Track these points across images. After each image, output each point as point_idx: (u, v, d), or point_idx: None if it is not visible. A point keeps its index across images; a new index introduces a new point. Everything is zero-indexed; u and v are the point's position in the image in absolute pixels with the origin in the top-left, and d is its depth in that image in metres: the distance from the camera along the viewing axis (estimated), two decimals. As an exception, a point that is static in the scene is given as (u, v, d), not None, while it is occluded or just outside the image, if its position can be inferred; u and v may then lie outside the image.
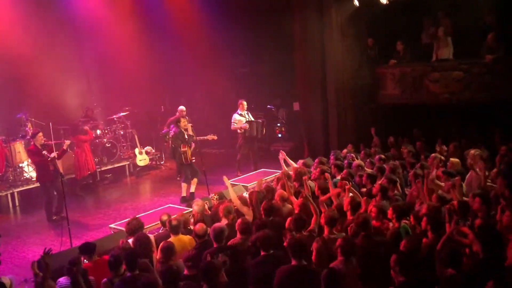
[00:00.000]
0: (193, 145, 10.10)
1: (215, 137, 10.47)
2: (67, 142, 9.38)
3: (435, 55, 11.16)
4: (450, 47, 10.99)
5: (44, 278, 4.87)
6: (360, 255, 4.89)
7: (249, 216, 6.51)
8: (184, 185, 9.69)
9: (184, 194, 9.68)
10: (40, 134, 9.04)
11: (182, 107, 11.37)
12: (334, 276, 4.25)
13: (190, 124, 10.16)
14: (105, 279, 5.01)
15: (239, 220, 5.73)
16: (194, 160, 9.98)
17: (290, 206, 6.76)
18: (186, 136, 9.71)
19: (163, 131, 11.85)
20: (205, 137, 10.30)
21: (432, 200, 6.09)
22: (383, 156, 8.43)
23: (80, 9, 12.57)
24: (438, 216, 5.34)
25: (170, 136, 10.00)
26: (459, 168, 7.41)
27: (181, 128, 9.78)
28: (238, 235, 5.66)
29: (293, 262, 4.71)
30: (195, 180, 9.80)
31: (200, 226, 5.77)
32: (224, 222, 6.22)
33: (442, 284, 4.30)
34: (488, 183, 6.78)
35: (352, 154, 9.15)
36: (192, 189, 9.75)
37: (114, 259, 5.01)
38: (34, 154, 9.07)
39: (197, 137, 10.16)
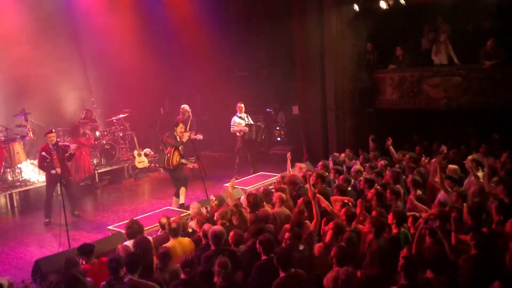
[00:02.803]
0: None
1: (201, 137, 10.35)
2: (74, 146, 9.39)
3: (434, 58, 11.17)
4: (452, 54, 11.00)
5: None
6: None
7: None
8: (182, 189, 9.22)
9: (182, 201, 9.26)
10: (51, 134, 8.98)
11: (185, 106, 11.23)
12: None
13: (187, 133, 9.48)
14: (103, 283, 4.99)
15: (231, 233, 5.68)
16: (181, 165, 9.24)
17: (287, 210, 6.76)
18: (178, 140, 9.12)
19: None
20: (194, 137, 10.11)
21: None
22: (387, 162, 8.44)
23: (80, 11, 12.59)
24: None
25: (162, 139, 9.29)
26: (457, 173, 7.43)
27: (175, 133, 9.17)
28: (233, 248, 5.63)
29: (282, 274, 4.74)
30: (182, 189, 9.16)
31: (208, 226, 5.80)
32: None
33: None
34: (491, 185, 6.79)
35: (354, 159, 9.17)
36: (182, 200, 9.13)
37: (114, 262, 4.99)
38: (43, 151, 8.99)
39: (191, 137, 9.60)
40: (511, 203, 5.78)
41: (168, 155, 8.98)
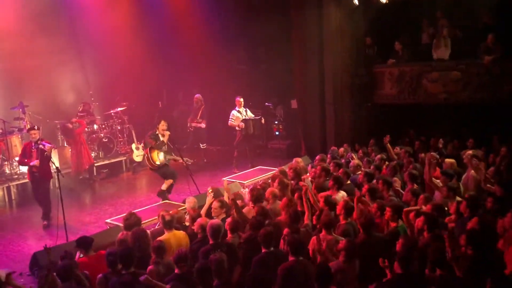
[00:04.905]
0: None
1: (203, 125, 11.81)
2: (48, 146, 8.60)
3: (434, 53, 11.16)
4: (448, 49, 11.00)
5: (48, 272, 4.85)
6: (360, 254, 4.93)
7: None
8: (169, 181, 9.08)
9: (163, 187, 9.15)
10: (33, 131, 8.58)
11: (199, 96, 12.11)
12: (326, 273, 4.29)
13: (168, 132, 9.08)
14: (100, 275, 5.00)
15: (228, 219, 5.70)
16: (167, 163, 9.06)
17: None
18: (158, 141, 8.90)
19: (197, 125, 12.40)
20: (199, 125, 10.17)
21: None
22: (384, 156, 8.45)
23: (78, 3, 12.52)
24: (436, 216, 5.37)
25: (144, 139, 9.12)
26: (454, 168, 7.44)
27: (156, 131, 8.96)
28: (229, 234, 5.65)
29: (291, 258, 4.77)
30: (169, 181, 9.05)
31: (204, 220, 5.81)
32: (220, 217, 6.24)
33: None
34: (488, 184, 6.80)
35: (352, 154, 9.18)
36: (163, 187, 9.07)
37: (112, 256, 4.99)
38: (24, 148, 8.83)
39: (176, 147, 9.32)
40: (507, 197, 5.80)
41: (146, 155, 8.81)
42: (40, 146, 8.45)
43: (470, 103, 10.62)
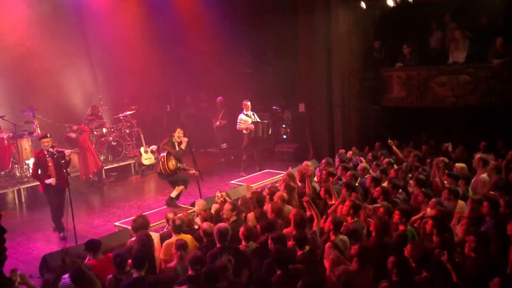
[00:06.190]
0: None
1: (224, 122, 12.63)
2: (68, 152, 8.53)
3: (451, 57, 11.11)
4: (466, 51, 10.93)
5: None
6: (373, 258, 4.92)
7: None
8: (180, 187, 8.96)
9: (173, 195, 8.96)
10: (46, 139, 8.17)
11: (221, 98, 12.55)
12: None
13: (185, 139, 8.85)
14: (110, 276, 5.06)
15: (241, 228, 5.66)
16: (178, 170, 8.86)
17: (290, 207, 6.75)
18: (176, 148, 8.72)
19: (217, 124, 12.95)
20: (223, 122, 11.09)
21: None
22: (392, 160, 8.43)
23: (88, 7, 12.66)
24: (445, 219, 5.36)
25: (160, 146, 8.91)
26: (465, 172, 7.40)
27: (173, 138, 8.81)
28: (243, 243, 5.63)
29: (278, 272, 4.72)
30: (181, 187, 8.95)
31: (208, 225, 5.80)
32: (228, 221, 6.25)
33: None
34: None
35: (360, 157, 9.17)
36: (173, 194, 8.91)
37: (120, 257, 5.05)
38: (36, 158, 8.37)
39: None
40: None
41: (162, 160, 8.57)
42: (54, 151, 8.18)
43: (479, 107, 10.57)
